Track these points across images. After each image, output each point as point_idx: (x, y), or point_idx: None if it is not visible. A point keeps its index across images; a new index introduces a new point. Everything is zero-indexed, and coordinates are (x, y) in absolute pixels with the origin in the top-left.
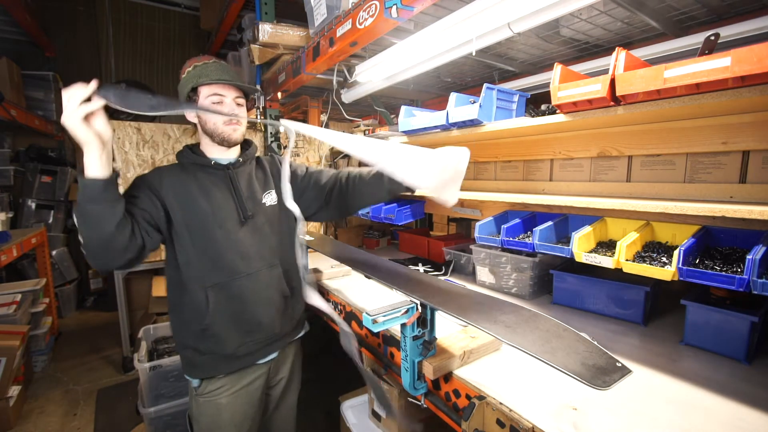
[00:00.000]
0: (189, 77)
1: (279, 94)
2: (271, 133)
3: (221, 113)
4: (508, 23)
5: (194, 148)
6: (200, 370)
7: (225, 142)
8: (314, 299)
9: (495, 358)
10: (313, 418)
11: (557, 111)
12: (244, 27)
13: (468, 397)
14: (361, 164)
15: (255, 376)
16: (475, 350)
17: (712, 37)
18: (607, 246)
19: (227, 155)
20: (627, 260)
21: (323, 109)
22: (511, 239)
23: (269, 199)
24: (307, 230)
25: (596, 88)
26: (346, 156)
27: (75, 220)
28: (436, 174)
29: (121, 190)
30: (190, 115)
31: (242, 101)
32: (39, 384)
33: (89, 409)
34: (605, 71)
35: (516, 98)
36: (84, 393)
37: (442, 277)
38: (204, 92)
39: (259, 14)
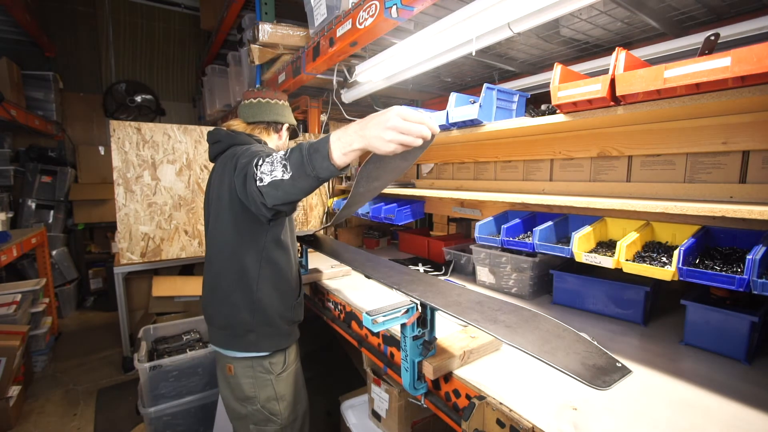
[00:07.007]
0: (287, 110)
1: None
2: None
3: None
4: (508, 23)
5: None
6: (291, 338)
7: None
8: None
9: (495, 358)
10: (313, 418)
11: (557, 111)
12: (244, 27)
13: (468, 397)
14: None
15: None
16: (475, 350)
17: (712, 37)
18: (607, 246)
19: None
20: (627, 260)
21: (323, 109)
22: (511, 239)
23: None
24: (307, 230)
25: (596, 88)
26: None
27: (280, 178)
28: None
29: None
30: (281, 138)
31: None
32: (39, 384)
33: (89, 409)
34: (605, 71)
35: (516, 98)
36: (84, 393)
37: (442, 277)
38: (284, 132)
39: (259, 14)
